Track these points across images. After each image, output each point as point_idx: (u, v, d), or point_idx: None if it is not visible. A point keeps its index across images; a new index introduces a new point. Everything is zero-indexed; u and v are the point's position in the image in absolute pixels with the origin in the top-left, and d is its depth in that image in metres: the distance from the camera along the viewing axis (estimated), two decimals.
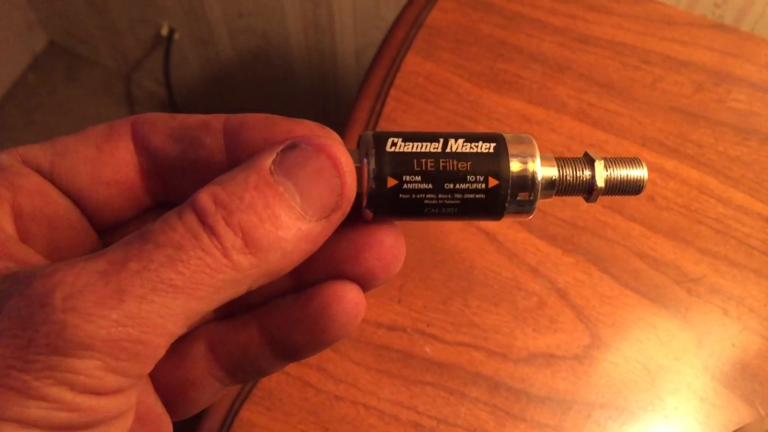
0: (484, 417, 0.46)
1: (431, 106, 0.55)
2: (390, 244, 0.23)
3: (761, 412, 0.46)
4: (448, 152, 0.22)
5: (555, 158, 0.24)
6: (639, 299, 0.49)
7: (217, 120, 0.23)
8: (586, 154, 0.24)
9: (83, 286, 0.18)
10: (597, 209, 0.52)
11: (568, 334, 0.48)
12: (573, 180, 0.24)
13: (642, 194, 0.52)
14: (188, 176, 0.23)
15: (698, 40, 0.58)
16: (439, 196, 0.22)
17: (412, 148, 0.22)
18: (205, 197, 0.20)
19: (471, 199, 0.22)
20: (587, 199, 0.24)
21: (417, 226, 0.51)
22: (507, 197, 0.22)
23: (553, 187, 0.23)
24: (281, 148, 0.21)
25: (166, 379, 0.24)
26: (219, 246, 0.19)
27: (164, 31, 1.25)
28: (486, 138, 0.23)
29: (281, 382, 0.46)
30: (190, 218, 0.19)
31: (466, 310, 0.49)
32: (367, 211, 0.22)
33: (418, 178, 0.22)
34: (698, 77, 0.57)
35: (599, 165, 0.24)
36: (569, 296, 0.49)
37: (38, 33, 1.48)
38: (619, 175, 0.24)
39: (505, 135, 0.23)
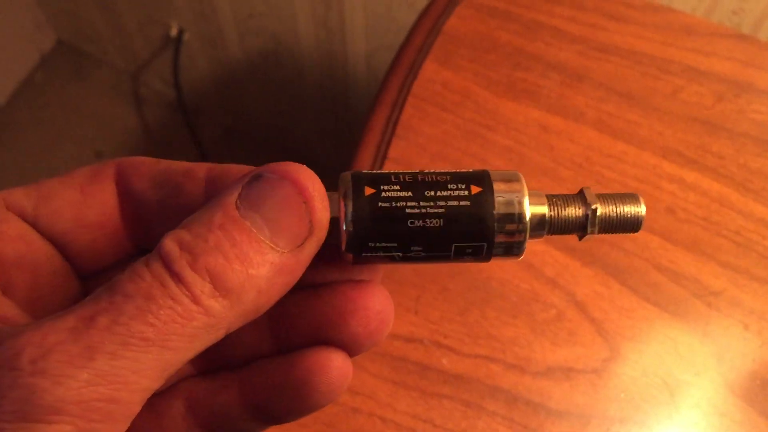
0: (502, 431, 0.45)
1: (449, 115, 0.55)
2: (376, 310, 0.22)
3: None
4: (426, 171, 0.22)
5: (546, 195, 0.23)
6: (658, 312, 0.49)
7: (201, 168, 0.23)
8: (581, 191, 0.23)
9: (52, 345, 0.17)
10: None
11: (587, 348, 0.48)
12: (565, 218, 0.23)
13: (662, 206, 0.52)
14: (169, 223, 0.23)
15: (719, 50, 0.58)
16: (421, 203, 0.21)
17: (388, 172, 0.22)
18: (169, 243, 0.19)
19: (456, 207, 0.21)
20: (580, 238, 0.24)
21: None
22: (494, 204, 0.21)
23: (544, 226, 0.22)
24: (245, 181, 0.20)
25: None
26: (188, 293, 0.18)
27: (173, 32, 1.24)
28: (470, 173, 0.22)
29: None
30: (157, 266, 0.19)
31: (483, 322, 0.48)
32: (345, 243, 0.21)
33: (397, 187, 0.21)
34: (719, 87, 0.56)
35: (593, 202, 0.23)
36: (588, 309, 0.49)
37: (46, 32, 1.48)
38: (614, 212, 0.23)
39: (490, 171, 0.22)
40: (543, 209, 0.22)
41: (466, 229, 0.21)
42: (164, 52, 1.32)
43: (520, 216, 0.22)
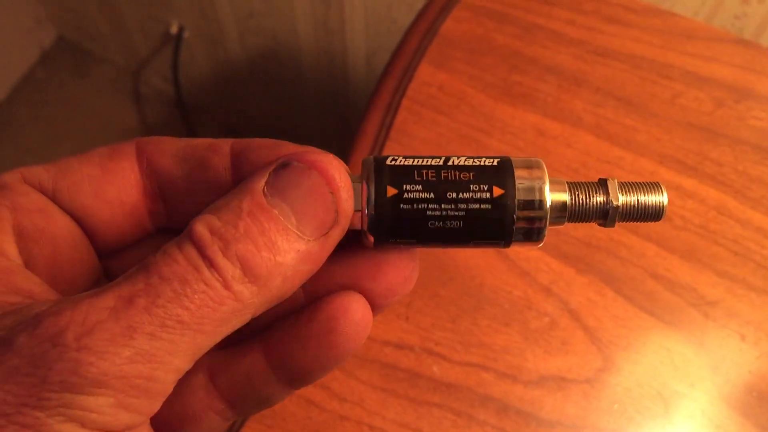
0: None
1: (444, 118, 0.54)
2: (403, 267, 0.23)
3: None
4: (450, 165, 0.22)
5: (567, 182, 0.23)
6: (654, 322, 0.48)
7: (225, 142, 0.23)
8: (600, 180, 0.23)
9: (94, 323, 0.18)
10: (611, 228, 0.50)
11: (580, 357, 0.47)
12: (586, 205, 0.23)
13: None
14: (194, 198, 0.23)
15: (719, 55, 0.57)
16: (442, 206, 0.21)
17: (413, 162, 0.22)
18: (200, 228, 0.19)
19: (476, 210, 0.21)
20: (603, 225, 0.23)
21: None
22: (515, 209, 0.21)
23: (564, 212, 0.22)
24: (273, 168, 0.20)
25: (162, 414, 0.22)
26: (219, 278, 0.19)
27: (174, 29, 1.24)
28: (491, 157, 0.22)
29: (285, 401, 0.45)
30: (189, 249, 0.19)
31: (475, 330, 0.47)
32: (369, 235, 0.22)
33: (419, 188, 0.21)
34: (719, 93, 0.55)
35: (614, 189, 0.23)
36: (582, 317, 0.48)
37: (47, 28, 1.48)
38: (635, 200, 0.23)
39: (512, 158, 0.22)
40: (564, 196, 0.22)
41: (486, 231, 0.22)
42: (164, 50, 1.32)
43: (541, 202, 0.22)
